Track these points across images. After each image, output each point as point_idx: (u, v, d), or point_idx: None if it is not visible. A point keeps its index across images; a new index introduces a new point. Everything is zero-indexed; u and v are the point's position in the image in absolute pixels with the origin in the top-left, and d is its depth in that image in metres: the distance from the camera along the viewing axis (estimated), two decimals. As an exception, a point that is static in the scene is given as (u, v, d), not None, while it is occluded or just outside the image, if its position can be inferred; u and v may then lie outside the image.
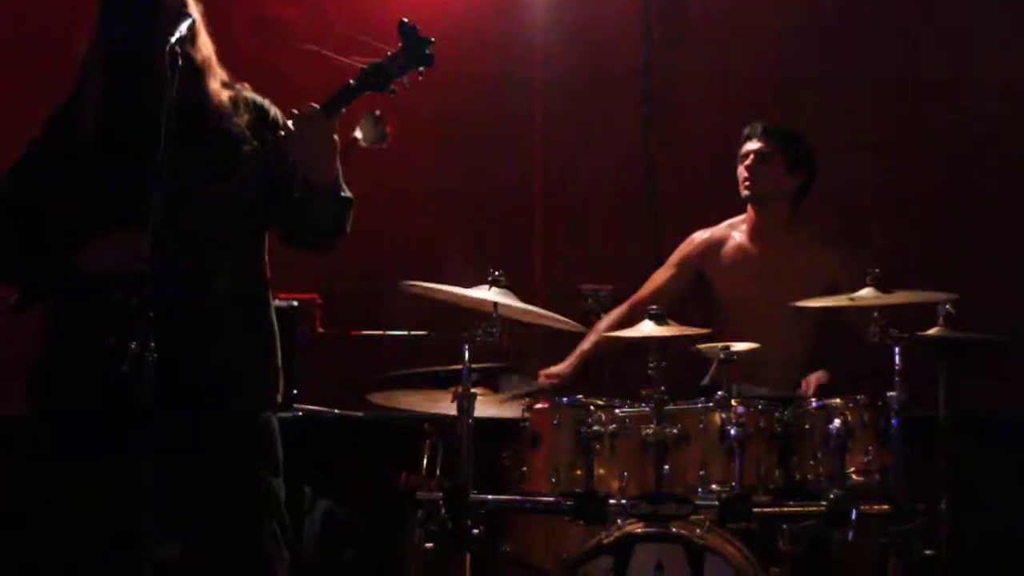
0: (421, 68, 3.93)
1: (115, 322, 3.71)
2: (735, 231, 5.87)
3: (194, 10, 3.96)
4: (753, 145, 5.73)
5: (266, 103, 4.16)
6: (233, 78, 4.14)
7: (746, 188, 5.72)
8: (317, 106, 3.89)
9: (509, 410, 5.14)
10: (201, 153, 3.91)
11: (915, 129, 6.58)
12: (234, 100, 4.07)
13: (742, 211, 5.86)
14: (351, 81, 3.93)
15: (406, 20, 3.93)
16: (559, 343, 5.73)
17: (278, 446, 4.11)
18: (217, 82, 4.05)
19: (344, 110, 3.93)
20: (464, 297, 4.79)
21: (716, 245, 5.86)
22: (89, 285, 3.87)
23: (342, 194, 4.05)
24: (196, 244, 3.86)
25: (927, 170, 6.54)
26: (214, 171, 3.90)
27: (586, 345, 5.69)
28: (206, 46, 4.04)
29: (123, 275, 3.75)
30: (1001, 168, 6.49)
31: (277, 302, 4.26)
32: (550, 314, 4.96)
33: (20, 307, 4.06)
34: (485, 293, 4.72)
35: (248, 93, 4.14)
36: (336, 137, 3.95)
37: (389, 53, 3.93)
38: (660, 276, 5.93)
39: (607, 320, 5.74)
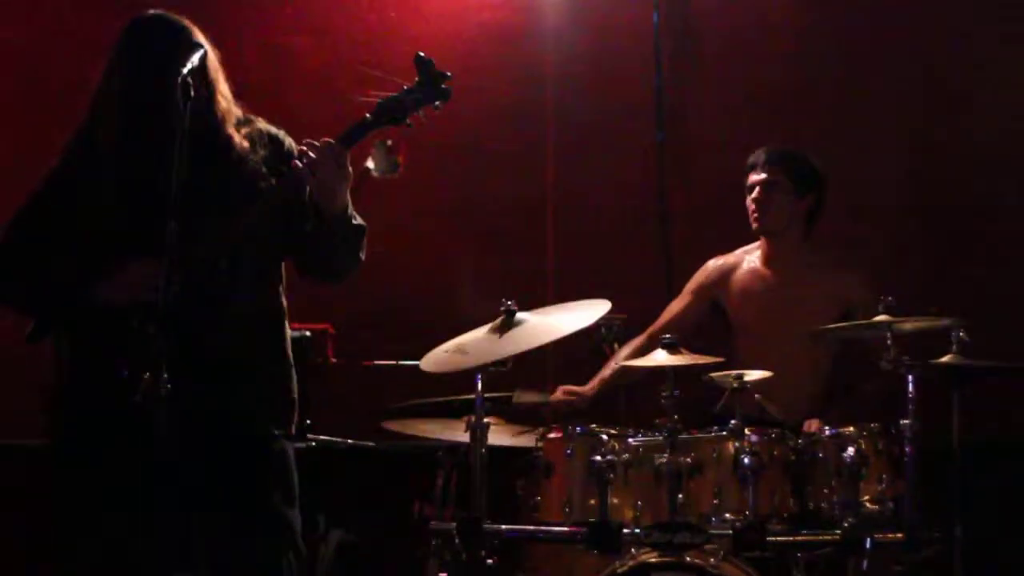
0: (437, 103, 3.95)
1: (130, 352, 3.71)
2: (749, 256, 5.84)
3: (210, 54, 3.99)
4: (758, 176, 5.69)
5: (280, 134, 4.17)
6: (247, 111, 4.15)
7: (756, 221, 5.69)
8: (331, 141, 3.92)
9: (523, 439, 5.15)
10: (219, 190, 3.93)
11: (927, 149, 6.57)
12: (251, 137, 4.08)
13: (756, 237, 5.85)
14: (367, 115, 3.95)
15: (422, 54, 3.93)
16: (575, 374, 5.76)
17: (294, 476, 4.11)
18: (233, 125, 4.06)
19: (358, 142, 3.97)
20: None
21: (730, 271, 5.83)
22: (105, 315, 3.88)
23: (354, 222, 4.08)
24: (213, 276, 3.88)
25: (940, 191, 6.54)
26: (232, 207, 3.92)
27: (606, 372, 5.68)
28: (225, 96, 4.06)
29: (139, 305, 3.76)
30: (1013, 185, 6.48)
31: (290, 332, 4.27)
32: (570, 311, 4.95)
33: (36, 337, 4.07)
34: (500, 341, 4.71)
35: (263, 126, 4.16)
36: (349, 168, 3.97)
37: (405, 87, 3.94)
38: (676, 306, 5.89)
39: (626, 350, 5.70)
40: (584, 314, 4.91)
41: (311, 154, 3.91)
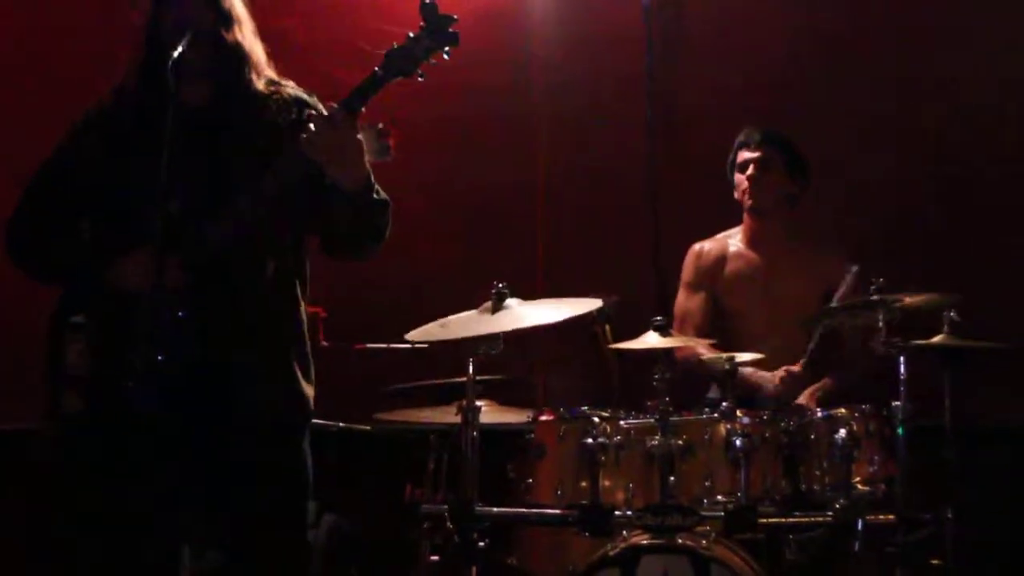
0: (447, 48, 3.76)
1: (142, 336, 3.67)
2: (732, 240, 5.87)
3: (239, 5, 4.03)
4: (752, 153, 5.73)
5: (312, 100, 4.05)
6: (280, 74, 4.09)
7: (750, 198, 5.70)
8: (336, 105, 3.75)
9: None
10: (236, 152, 3.89)
11: (916, 133, 6.56)
12: (277, 98, 4.00)
13: (739, 221, 5.87)
14: (376, 69, 3.75)
15: (427, 0, 3.78)
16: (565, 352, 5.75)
17: (308, 471, 4.05)
18: (260, 76, 4.01)
19: (364, 108, 3.78)
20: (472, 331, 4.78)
21: (719, 257, 5.85)
22: (118, 299, 3.83)
23: (377, 196, 3.91)
24: (232, 249, 3.82)
25: (935, 170, 6.52)
26: (249, 171, 3.84)
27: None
28: (251, 40, 4.03)
29: (148, 291, 3.71)
30: (1002, 170, 6.47)
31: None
32: (559, 306, 4.94)
33: (63, 314, 3.99)
34: (489, 320, 4.71)
35: (293, 90, 4.06)
36: (358, 135, 3.77)
37: (411, 35, 3.76)
38: (695, 302, 5.87)
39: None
40: (575, 306, 4.89)
41: (315, 126, 3.74)
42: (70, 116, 4.12)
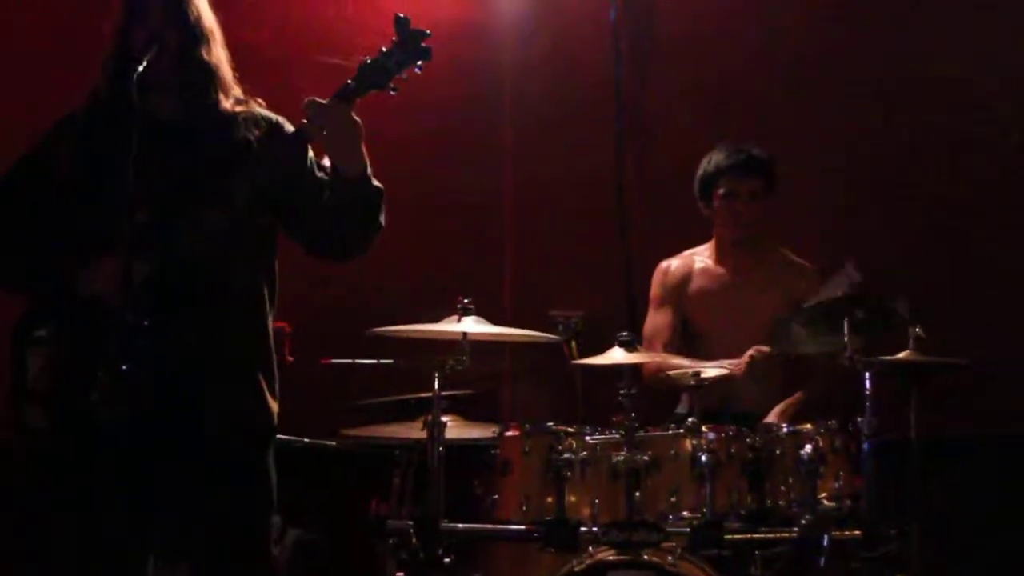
0: (420, 62, 3.80)
1: (110, 344, 3.64)
2: (699, 257, 5.86)
3: (208, 19, 4.00)
4: (739, 186, 5.69)
5: (280, 119, 4.05)
6: (248, 94, 4.08)
7: (740, 229, 5.68)
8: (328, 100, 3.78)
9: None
10: (205, 165, 3.86)
11: (890, 139, 6.56)
12: (245, 116, 4.00)
13: (709, 236, 5.86)
14: (349, 81, 3.79)
15: (401, 15, 3.82)
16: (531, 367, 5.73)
17: (273, 481, 4.04)
18: (228, 95, 4.00)
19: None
20: (433, 332, 4.80)
21: (687, 274, 5.85)
22: (83, 309, 3.80)
23: (374, 183, 3.94)
24: (200, 262, 3.80)
25: (904, 182, 6.52)
26: (217, 182, 3.82)
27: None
28: (219, 57, 4.01)
29: (116, 298, 3.67)
30: (981, 181, 6.48)
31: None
32: (521, 332, 4.96)
33: (25, 329, 3.97)
34: (454, 325, 4.72)
35: (261, 110, 4.06)
36: (358, 120, 3.81)
37: (384, 49, 3.80)
38: (663, 318, 5.86)
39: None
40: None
41: (315, 111, 3.77)
42: (42, 123, 4.11)
